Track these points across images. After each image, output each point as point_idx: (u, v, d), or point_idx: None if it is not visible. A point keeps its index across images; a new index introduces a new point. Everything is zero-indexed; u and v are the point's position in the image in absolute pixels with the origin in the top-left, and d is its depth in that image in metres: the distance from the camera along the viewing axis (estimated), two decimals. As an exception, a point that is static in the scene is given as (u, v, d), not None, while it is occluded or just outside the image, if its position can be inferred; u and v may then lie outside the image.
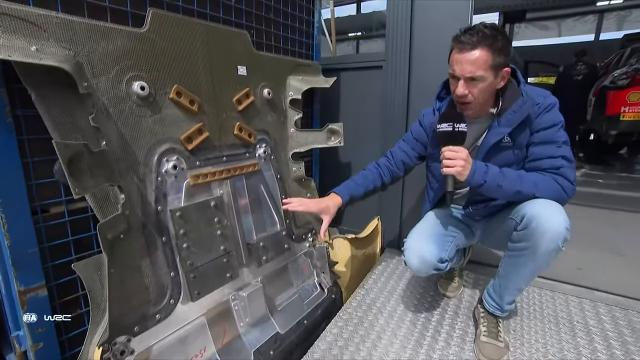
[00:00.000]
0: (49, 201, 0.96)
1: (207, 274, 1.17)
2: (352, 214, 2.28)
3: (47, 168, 0.95)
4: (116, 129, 0.97)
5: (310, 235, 1.68)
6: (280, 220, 1.51)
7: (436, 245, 1.23)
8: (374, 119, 2.04)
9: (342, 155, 2.25)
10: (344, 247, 1.75)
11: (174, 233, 1.09)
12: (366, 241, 1.89)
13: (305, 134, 1.62)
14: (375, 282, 1.74)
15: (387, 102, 1.93)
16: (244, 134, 1.35)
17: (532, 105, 1.12)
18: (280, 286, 1.48)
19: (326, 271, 1.68)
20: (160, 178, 1.07)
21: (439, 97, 1.33)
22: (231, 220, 1.28)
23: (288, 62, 1.59)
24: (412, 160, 1.40)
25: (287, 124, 1.59)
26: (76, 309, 1.06)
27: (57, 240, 0.98)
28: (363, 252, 1.87)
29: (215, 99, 1.24)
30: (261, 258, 1.38)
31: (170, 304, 1.07)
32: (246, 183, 1.36)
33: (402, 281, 1.75)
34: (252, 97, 1.38)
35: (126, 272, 0.97)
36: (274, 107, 1.51)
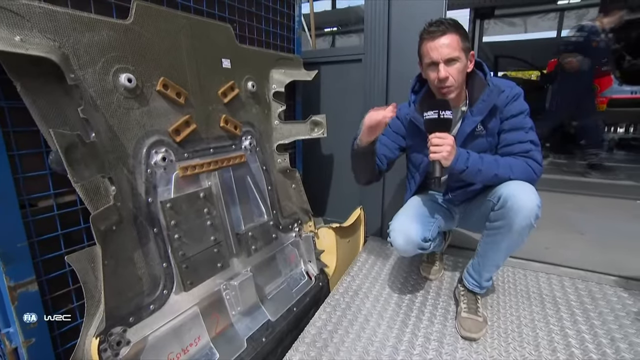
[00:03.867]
0: (37, 195, 0.95)
1: (199, 264, 1.18)
2: (336, 205, 2.32)
3: (34, 161, 0.93)
4: (104, 121, 0.97)
5: (296, 225, 1.71)
6: (267, 210, 1.53)
7: (420, 225, 1.29)
8: (354, 111, 2.08)
9: (324, 147, 2.28)
10: (329, 236, 1.78)
11: (165, 224, 1.09)
12: (350, 230, 1.93)
13: (289, 125, 1.64)
14: (360, 268, 1.79)
15: (366, 95, 1.97)
16: (229, 126, 1.36)
17: (499, 93, 1.20)
18: (269, 275, 1.50)
19: (313, 260, 1.71)
20: (149, 170, 1.07)
21: (414, 91, 1.38)
22: (220, 211, 1.29)
23: (271, 56, 1.60)
24: (393, 152, 1.45)
25: (271, 116, 1.60)
26: (67, 304, 1.05)
27: (46, 235, 0.97)
28: (347, 240, 1.92)
29: (201, 91, 1.24)
30: (250, 248, 1.40)
31: (163, 295, 1.08)
32: (233, 174, 1.37)
33: (386, 267, 1.81)
34: (236, 89, 1.38)
35: (119, 264, 0.97)
36: (258, 100, 1.52)
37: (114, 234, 0.95)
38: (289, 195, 1.70)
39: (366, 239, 2.10)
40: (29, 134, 0.91)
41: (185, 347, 1.11)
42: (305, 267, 1.70)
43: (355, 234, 2.02)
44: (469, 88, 1.26)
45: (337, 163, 2.27)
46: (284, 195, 1.66)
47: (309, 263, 1.71)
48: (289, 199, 1.69)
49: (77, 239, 1.07)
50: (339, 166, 2.27)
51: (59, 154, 0.76)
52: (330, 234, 1.78)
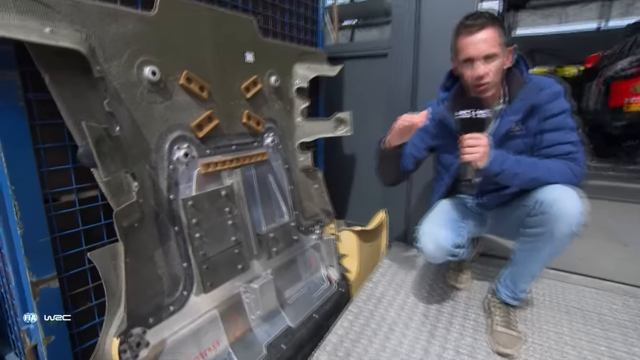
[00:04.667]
0: (60, 189, 0.97)
1: (219, 265, 1.19)
2: (358, 207, 2.31)
3: (57, 155, 0.96)
4: (128, 114, 0.99)
5: (317, 227, 1.71)
6: (289, 211, 1.54)
7: (451, 230, 1.27)
8: (378, 109, 2.07)
9: (346, 146, 2.27)
10: (351, 239, 1.78)
11: (186, 222, 1.11)
12: (373, 234, 1.92)
13: (312, 123, 1.64)
14: (383, 274, 1.78)
15: (391, 92, 1.96)
16: (252, 123, 1.37)
17: (538, 91, 1.17)
18: (289, 279, 1.51)
19: (334, 264, 1.71)
20: (171, 166, 1.09)
21: (445, 88, 1.37)
22: (242, 210, 1.30)
23: (294, 50, 1.61)
24: (421, 153, 1.43)
25: (294, 113, 1.61)
26: (86, 302, 1.08)
27: (68, 230, 1.00)
28: (370, 244, 1.91)
29: (224, 86, 1.26)
30: (271, 249, 1.41)
31: (183, 296, 1.10)
32: (255, 172, 1.38)
33: (411, 274, 1.78)
34: (259, 84, 1.40)
35: (140, 262, 0.99)
36: (281, 96, 1.53)
37: (136, 231, 0.97)
38: (310, 196, 1.70)
39: (389, 243, 2.08)
40: (53, 127, 0.94)
41: (204, 351, 1.12)
42: (326, 272, 1.70)
43: (378, 238, 2.01)
44: (506, 85, 1.25)
45: (360, 163, 2.26)
46: (305, 195, 1.66)
47: (330, 267, 1.71)
48: (310, 200, 1.70)
49: (97, 236, 1.09)
50: (362, 166, 2.26)
51: (89, 147, 0.78)
52: (352, 237, 1.77)
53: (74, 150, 0.96)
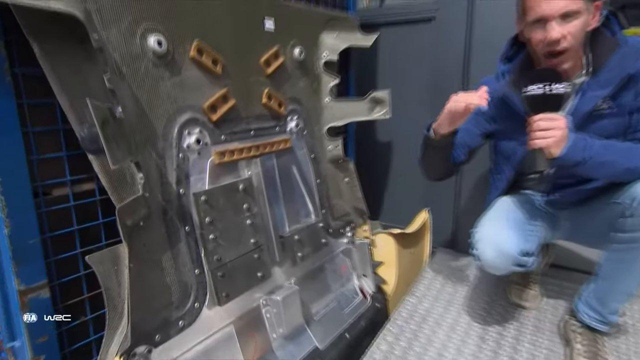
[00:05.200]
0: (52, 181, 0.98)
1: (236, 273, 1.18)
2: (395, 205, 2.28)
3: (49, 140, 0.96)
4: (131, 93, 0.98)
5: (348, 229, 1.68)
6: (316, 209, 1.52)
7: (517, 234, 1.22)
8: (421, 87, 2.03)
9: (381, 132, 2.24)
10: (389, 244, 1.75)
11: (199, 221, 1.10)
12: (414, 238, 1.89)
13: (342, 104, 1.62)
14: (427, 288, 1.74)
15: (438, 66, 1.91)
16: (273, 103, 1.35)
17: (636, 58, 1.09)
18: (317, 290, 1.49)
19: (368, 273, 1.68)
20: (181, 154, 1.08)
21: (506, 58, 1.31)
22: (262, 208, 1.29)
23: (320, 15, 1.58)
24: (475, 140, 1.38)
25: (321, 92, 1.58)
26: (80, 315, 1.09)
27: (60, 230, 1.00)
28: (410, 251, 1.87)
29: (241, 59, 1.24)
30: (296, 255, 1.39)
31: (194, 308, 1.09)
32: (277, 163, 1.36)
33: (462, 287, 1.74)
34: (281, 57, 1.37)
35: (146, 268, 0.98)
36: (306, 71, 1.51)
37: (141, 230, 0.96)
38: (340, 192, 1.68)
39: (433, 250, 2.05)
40: (44, 108, 0.93)
41: (218, 375, 1.12)
42: (359, 283, 1.68)
43: (420, 243, 1.97)
44: (589, 52, 1.17)
45: (398, 153, 2.23)
46: (334, 190, 1.64)
47: (364, 277, 1.69)
48: (340, 196, 1.67)
49: (94, 237, 1.10)
50: (400, 157, 2.22)
51: (94, 131, 0.78)
52: (390, 242, 1.74)
53: (69, 135, 0.96)
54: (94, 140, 0.78)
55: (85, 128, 0.85)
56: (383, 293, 1.71)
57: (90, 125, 0.84)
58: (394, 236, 1.75)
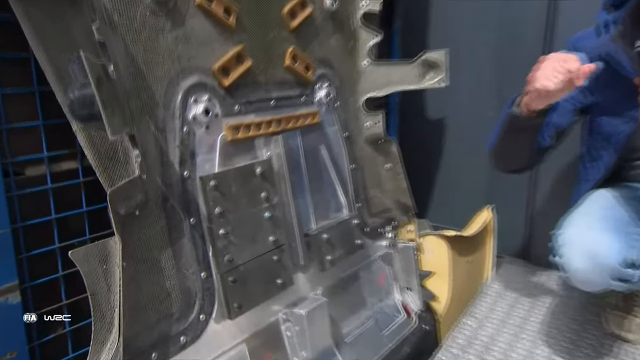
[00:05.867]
0: (25, 157, 0.98)
1: (251, 278, 1.18)
2: (447, 201, 2.26)
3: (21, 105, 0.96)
4: (124, 47, 0.97)
5: (389, 229, 1.67)
6: (349, 202, 1.51)
7: (618, 237, 1.17)
8: (487, 45, 1.99)
9: (432, 107, 2.21)
10: (440, 250, 1.73)
11: (206, 212, 1.09)
12: (473, 243, 1.86)
13: (385, 68, 1.58)
14: (491, 308, 1.71)
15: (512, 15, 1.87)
16: (298, 66, 1.34)
17: None
18: (349, 305, 1.48)
19: (414, 286, 1.67)
20: (186, 128, 1.07)
21: (612, 5, 1.26)
22: (283, 198, 1.28)
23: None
24: (567, 119, 1.34)
25: (358, 53, 1.56)
26: (57, 327, 1.09)
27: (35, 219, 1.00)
28: (468, 259, 1.85)
29: (259, 8, 1.23)
30: (324, 258, 1.38)
31: (199, 321, 1.08)
32: (302, 142, 1.35)
33: (538, 310, 1.70)
34: (309, 6, 1.35)
35: (142, 268, 0.97)
36: (340, 25, 1.49)
37: (136, 222, 0.95)
38: (379, 181, 1.66)
39: (498, 258, 2.02)
40: (15, 64, 0.93)
41: (227, 405, 1.12)
42: (402, 297, 1.67)
43: (481, 250, 1.94)
44: None
45: (453, 133, 2.19)
46: (373, 179, 1.63)
47: (408, 291, 1.68)
48: (379, 186, 1.66)
49: (77, 229, 1.10)
50: (456, 139, 2.19)
51: (87, 92, 0.77)
52: (442, 246, 1.72)
53: (46, 98, 0.95)
54: (86, 103, 0.77)
55: (75, 89, 0.84)
56: (432, 312, 1.69)
57: (81, 85, 0.83)
58: (447, 240, 1.73)
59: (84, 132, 0.89)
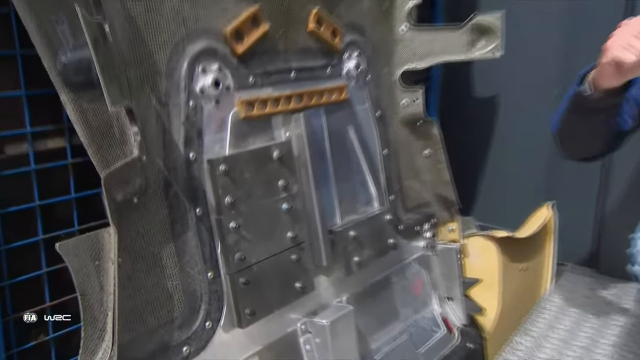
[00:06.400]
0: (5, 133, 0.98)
1: (266, 281, 1.18)
2: (498, 196, 2.24)
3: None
4: (121, 6, 0.97)
5: (428, 227, 1.66)
6: (380, 194, 1.50)
7: None
8: (551, 8, 1.97)
9: (482, 82, 2.19)
10: (489, 254, 1.72)
11: (215, 202, 1.10)
12: (528, 246, 1.84)
13: (426, 35, 1.57)
14: (551, 325, 1.69)
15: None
16: (324, 32, 1.33)
17: None
18: (379, 315, 1.48)
19: (456, 296, 1.67)
20: (192, 102, 1.07)
21: None
22: (304, 187, 1.28)
23: None
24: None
25: (395, 16, 1.55)
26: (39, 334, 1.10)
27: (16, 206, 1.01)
28: (522, 266, 1.83)
29: (278, -41, 1.22)
30: (351, 259, 1.38)
31: (205, 329, 1.09)
32: (327, 122, 1.35)
33: (610, 329, 1.66)
34: (338, -40, 1.35)
35: (139, 266, 0.98)
36: (374, -18, 1.47)
37: (134, 210, 0.96)
38: (417, 169, 1.65)
39: (560, 266, 2.00)
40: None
41: None
42: (442, 309, 1.67)
43: (538, 256, 1.92)
44: None
45: (506, 115, 2.16)
46: (409, 167, 1.62)
47: (449, 301, 1.67)
48: (417, 176, 1.65)
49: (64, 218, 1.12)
50: (509, 121, 2.16)
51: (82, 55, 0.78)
52: (491, 250, 1.71)
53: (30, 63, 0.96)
54: (82, 68, 0.78)
55: (67, 51, 0.85)
56: (478, 327, 1.68)
57: (74, 46, 0.84)
58: (496, 242, 1.72)
59: (75, 103, 0.89)
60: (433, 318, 1.62)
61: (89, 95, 0.87)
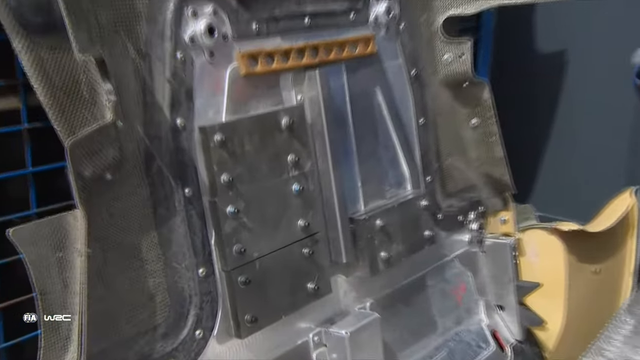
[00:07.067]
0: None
1: (272, 280, 1.19)
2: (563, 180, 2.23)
3: None
4: None
5: (473, 216, 1.67)
6: (414, 174, 1.50)
7: None
8: None
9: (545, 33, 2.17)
10: (552, 251, 1.72)
11: (209, 180, 1.10)
12: (604, 243, 1.83)
13: (477, -30, 1.56)
14: (634, 345, 1.69)
15: None
16: (346, -34, 1.32)
17: None
18: (411, 326, 1.49)
19: (509, 305, 1.67)
20: (180, 54, 1.06)
21: None
22: (319, 163, 1.28)
23: None
24: None
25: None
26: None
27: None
28: (595, 268, 1.82)
29: None
30: (377, 255, 1.37)
31: (195, 340, 1.10)
32: (349, 81, 1.35)
33: None
34: None
35: (113, 258, 0.99)
36: None
37: (107, 189, 0.96)
38: (462, 143, 1.65)
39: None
40: None
41: None
42: (490, 320, 1.68)
43: (616, 255, 1.91)
44: None
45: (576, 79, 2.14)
46: (451, 141, 1.62)
47: (500, 311, 1.68)
48: (461, 152, 1.65)
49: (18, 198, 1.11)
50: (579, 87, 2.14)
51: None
52: (555, 246, 1.71)
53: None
54: (41, 6, 0.78)
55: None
56: (537, 345, 1.69)
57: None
58: (562, 236, 1.71)
59: (32, 53, 0.88)
60: (479, 331, 1.61)
61: (50, 41, 0.85)
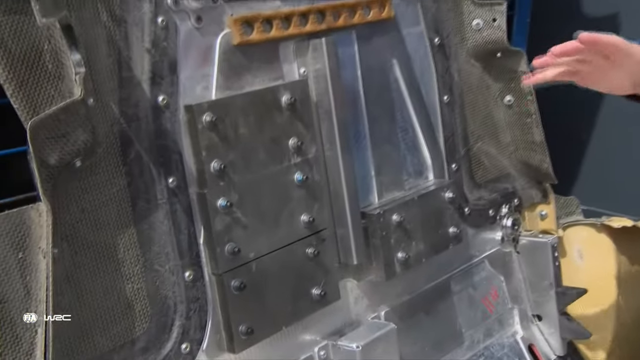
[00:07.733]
0: None
1: (271, 285, 1.19)
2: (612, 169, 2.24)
3: None
4: None
5: (506, 210, 1.67)
6: (438, 161, 1.51)
7: None
8: None
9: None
10: (601, 252, 1.73)
11: (197, 168, 1.10)
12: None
13: None
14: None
15: None
16: None
17: None
18: (434, 338, 1.49)
19: (549, 314, 1.67)
20: (162, 18, 1.06)
21: None
22: (326, 148, 1.29)
23: None
24: None
25: None
26: None
27: None
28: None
29: None
30: (393, 256, 1.38)
31: (181, 355, 1.10)
32: (360, 51, 1.35)
33: None
34: None
35: (83, 260, 0.99)
36: None
37: (76, 179, 0.96)
38: (493, 125, 1.66)
39: None
40: None
41: None
42: (527, 332, 1.68)
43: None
44: None
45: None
46: (481, 122, 1.63)
47: (538, 322, 1.68)
48: (492, 136, 1.66)
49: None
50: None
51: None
52: (604, 246, 1.72)
53: None
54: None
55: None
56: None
57: None
58: (612, 234, 1.72)
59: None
60: (513, 345, 1.62)
61: (6, 2, 0.85)
